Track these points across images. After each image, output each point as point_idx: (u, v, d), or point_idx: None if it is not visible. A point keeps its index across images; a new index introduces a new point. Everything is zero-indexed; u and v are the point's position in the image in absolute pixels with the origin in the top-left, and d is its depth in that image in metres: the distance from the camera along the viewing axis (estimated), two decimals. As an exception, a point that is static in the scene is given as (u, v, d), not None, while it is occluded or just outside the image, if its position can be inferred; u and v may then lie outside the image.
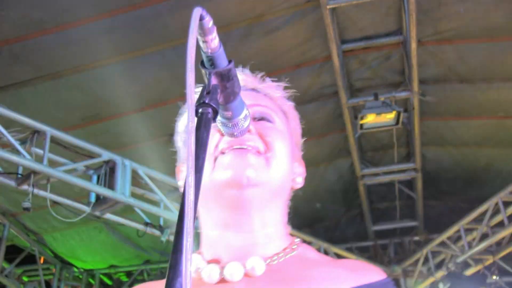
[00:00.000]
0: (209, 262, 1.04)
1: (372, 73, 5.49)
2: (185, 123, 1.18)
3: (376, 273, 1.03)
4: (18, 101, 4.55)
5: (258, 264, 1.00)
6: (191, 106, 0.67)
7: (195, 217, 0.66)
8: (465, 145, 6.10)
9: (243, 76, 1.17)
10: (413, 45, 4.85)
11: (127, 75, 4.83)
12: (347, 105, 5.52)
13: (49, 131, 4.40)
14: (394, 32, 5.01)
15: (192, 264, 1.04)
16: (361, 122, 5.46)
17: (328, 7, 4.52)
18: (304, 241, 1.11)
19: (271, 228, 1.05)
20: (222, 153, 1.03)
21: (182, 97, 0.73)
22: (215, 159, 1.03)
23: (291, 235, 1.11)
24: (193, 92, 0.68)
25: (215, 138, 1.05)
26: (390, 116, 5.41)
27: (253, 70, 1.16)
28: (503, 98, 5.37)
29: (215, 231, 1.07)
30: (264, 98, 1.16)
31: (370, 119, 5.42)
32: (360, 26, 4.96)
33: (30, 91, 4.69)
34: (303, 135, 1.19)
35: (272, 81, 1.19)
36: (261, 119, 1.09)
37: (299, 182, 1.13)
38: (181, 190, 1.08)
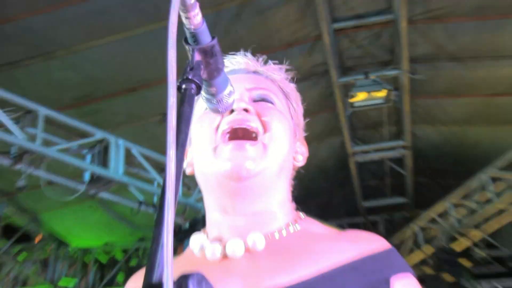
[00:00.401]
0: (212, 240, 1.05)
1: (362, 52, 5.50)
2: (199, 105, 1.15)
3: (379, 243, 1.04)
4: (11, 81, 4.54)
5: (258, 239, 1.01)
6: (172, 82, 0.67)
7: (177, 191, 0.65)
8: (454, 122, 6.13)
9: (245, 59, 1.18)
10: (403, 23, 4.86)
11: (120, 55, 4.84)
12: (337, 83, 5.54)
13: (42, 110, 4.42)
14: (385, 11, 4.99)
15: (197, 243, 1.07)
16: (352, 100, 5.48)
17: None
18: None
19: (274, 207, 1.06)
20: (224, 135, 1.03)
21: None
22: (215, 147, 1.03)
23: (297, 210, 1.12)
24: (174, 68, 0.67)
25: (217, 119, 1.05)
26: (380, 95, 5.44)
27: (245, 49, 1.18)
28: (491, 76, 5.40)
29: (218, 213, 1.07)
30: (265, 80, 1.16)
31: (361, 97, 5.45)
32: (350, 5, 4.95)
33: (22, 71, 4.69)
34: (297, 113, 1.22)
35: (274, 63, 1.19)
36: (261, 100, 1.10)
37: (300, 160, 1.14)
38: (186, 172, 1.13)
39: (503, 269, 6.96)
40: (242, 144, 1.01)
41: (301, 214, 1.11)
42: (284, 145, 1.06)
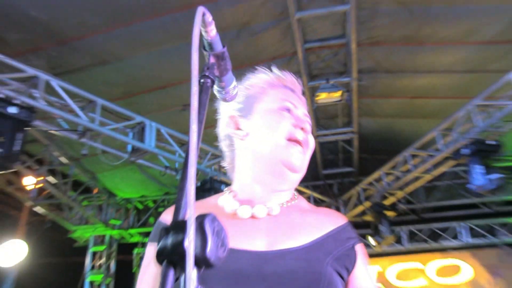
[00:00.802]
0: (242, 203, 1.01)
1: (325, 64, 5.52)
2: (269, 102, 1.06)
3: (342, 218, 1.04)
4: (79, 80, 4.57)
5: (275, 207, 1.01)
6: (195, 76, 0.64)
7: (197, 154, 0.62)
8: (387, 116, 6.19)
9: (298, 82, 1.14)
10: (353, 45, 4.94)
11: (153, 62, 4.87)
12: (307, 86, 5.57)
13: (100, 101, 4.49)
14: (341, 36, 5.05)
15: (228, 203, 1.02)
16: (317, 98, 5.48)
17: (295, 17, 4.61)
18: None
19: (289, 190, 1.07)
20: (290, 140, 1.01)
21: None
22: (286, 142, 1.00)
23: None
24: (197, 66, 0.65)
25: (290, 124, 1.02)
26: (337, 95, 5.42)
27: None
28: (412, 84, 5.49)
29: (250, 181, 1.03)
30: (305, 103, 1.12)
31: (323, 96, 5.43)
32: (317, 32, 5.01)
33: (87, 73, 4.73)
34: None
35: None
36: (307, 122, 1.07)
37: None
38: (239, 138, 1.05)
39: (416, 218, 7.11)
40: (302, 151, 1.02)
41: (295, 193, 1.10)
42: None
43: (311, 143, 1.06)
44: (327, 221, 1.01)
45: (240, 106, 1.07)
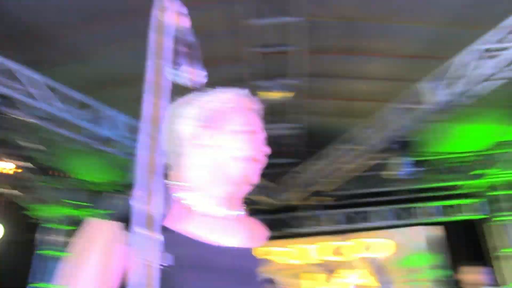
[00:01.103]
0: (218, 205, 1.00)
1: (277, 68, 5.41)
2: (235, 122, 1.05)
3: (267, 229, 1.11)
4: (57, 74, 4.33)
5: (241, 211, 1.05)
6: (162, 59, 0.66)
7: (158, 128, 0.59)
8: (332, 115, 6.43)
9: (257, 102, 1.10)
10: (302, 52, 5.04)
11: (124, 60, 4.60)
12: (261, 86, 5.46)
13: (69, 92, 4.33)
14: (291, 43, 4.97)
15: (201, 201, 0.99)
16: (268, 97, 5.45)
17: (251, 25, 4.60)
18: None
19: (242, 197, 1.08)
20: (252, 159, 1.02)
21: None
22: (248, 162, 1.01)
23: None
24: (162, 49, 0.65)
25: (252, 147, 1.02)
26: (286, 94, 5.51)
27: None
28: (350, 89, 5.74)
29: (212, 186, 1.01)
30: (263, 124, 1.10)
31: (274, 95, 5.49)
32: (271, 38, 4.96)
33: (63, 68, 4.49)
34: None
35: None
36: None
37: None
38: (199, 143, 1.02)
39: (351, 202, 7.47)
40: (259, 168, 1.05)
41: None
42: None
43: (265, 161, 1.07)
44: (264, 230, 1.10)
45: (211, 119, 1.04)
